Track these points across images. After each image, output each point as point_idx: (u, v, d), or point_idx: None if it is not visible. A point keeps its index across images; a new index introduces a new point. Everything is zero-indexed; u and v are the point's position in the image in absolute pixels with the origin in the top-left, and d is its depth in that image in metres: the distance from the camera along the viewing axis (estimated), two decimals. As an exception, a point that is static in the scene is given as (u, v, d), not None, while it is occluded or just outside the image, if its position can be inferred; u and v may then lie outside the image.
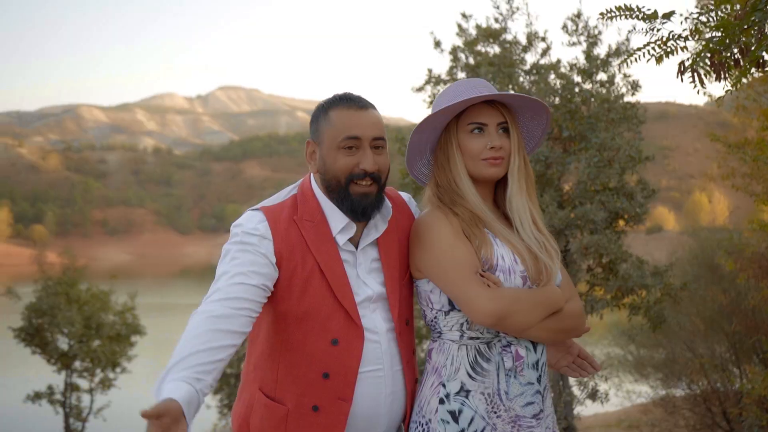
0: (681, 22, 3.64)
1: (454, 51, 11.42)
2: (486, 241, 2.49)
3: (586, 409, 13.25)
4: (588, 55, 10.62)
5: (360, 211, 2.48)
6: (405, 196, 2.80)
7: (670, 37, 3.68)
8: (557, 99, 10.28)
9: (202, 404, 2.16)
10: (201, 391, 2.14)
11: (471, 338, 2.49)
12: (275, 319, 2.49)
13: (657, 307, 10.16)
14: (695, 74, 3.65)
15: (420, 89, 11.52)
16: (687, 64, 3.63)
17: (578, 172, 10.03)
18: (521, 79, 10.66)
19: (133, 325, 21.66)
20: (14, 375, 27.73)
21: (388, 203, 2.57)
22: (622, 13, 3.80)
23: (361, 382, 2.46)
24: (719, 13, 3.19)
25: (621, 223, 10.37)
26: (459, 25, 11.52)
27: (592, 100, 10.31)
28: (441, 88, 11.35)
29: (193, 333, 2.23)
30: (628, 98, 10.60)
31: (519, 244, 2.53)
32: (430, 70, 11.43)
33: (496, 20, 11.06)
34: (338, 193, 2.48)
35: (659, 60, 3.76)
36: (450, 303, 2.50)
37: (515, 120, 2.63)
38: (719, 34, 3.20)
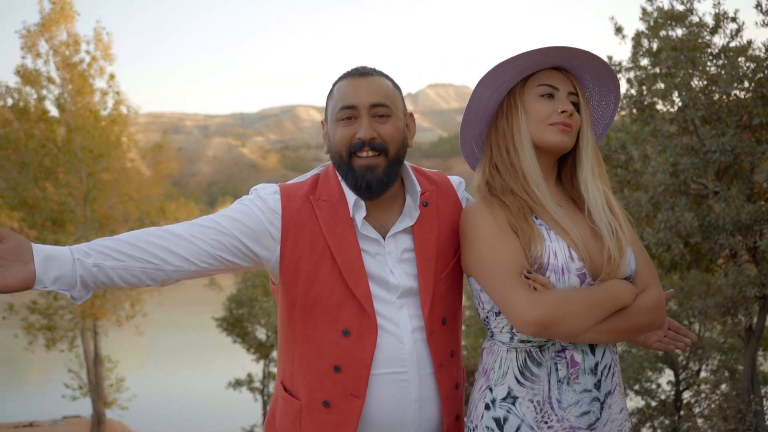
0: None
1: (638, 36, 10.79)
2: (536, 236, 2.20)
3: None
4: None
5: (364, 187, 2.26)
6: (455, 179, 2.55)
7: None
8: (747, 84, 9.47)
9: (78, 283, 2.03)
10: (78, 261, 2.03)
11: (522, 341, 2.24)
12: (287, 307, 2.32)
13: None
14: None
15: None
16: None
17: (771, 162, 9.19)
18: (708, 64, 9.91)
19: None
20: (218, 362, 29.32)
21: (416, 187, 2.34)
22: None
23: (380, 384, 2.24)
24: None
25: (822, 218, 9.39)
26: (643, 9, 10.88)
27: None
28: (621, 76, 10.77)
29: (137, 232, 2.15)
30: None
31: (581, 233, 2.24)
32: (610, 58, 10.88)
33: (682, 1, 10.35)
34: (342, 169, 2.28)
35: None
36: None
37: (583, 94, 2.37)
38: None
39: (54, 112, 21.54)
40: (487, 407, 2.24)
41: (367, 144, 2.24)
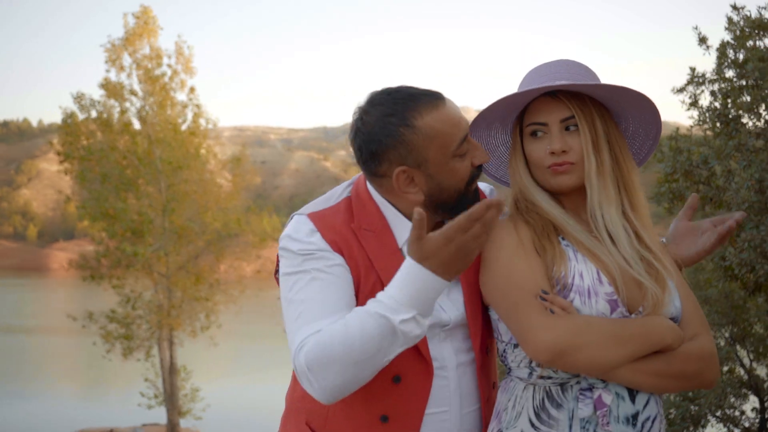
0: None
1: (723, 47, 10.33)
2: (559, 255, 1.94)
3: None
4: None
5: None
6: (485, 188, 2.26)
7: None
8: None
9: None
10: None
11: (542, 377, 1.95)
12: None
13: None
14: None
15: (681, 90, 10.54)
16: None
17: None
18: (799, 75, 9.40)
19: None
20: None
21: None
22: None
23: (422, 427, 2.02)
24: None
25: None
26: (729, 18, 10.41)
27: None
28: (705, 88, 10.31)
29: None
30: None
31: (612, 260, 1.95)
32: (693, 69, 10.43)
33: (770, 10, 9.86)
34: (458, 203, 2.01)
35: None
36: None
37: (589, 111, 2.00)
38: None
39: (136, 124, 21.99)
40: None
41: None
